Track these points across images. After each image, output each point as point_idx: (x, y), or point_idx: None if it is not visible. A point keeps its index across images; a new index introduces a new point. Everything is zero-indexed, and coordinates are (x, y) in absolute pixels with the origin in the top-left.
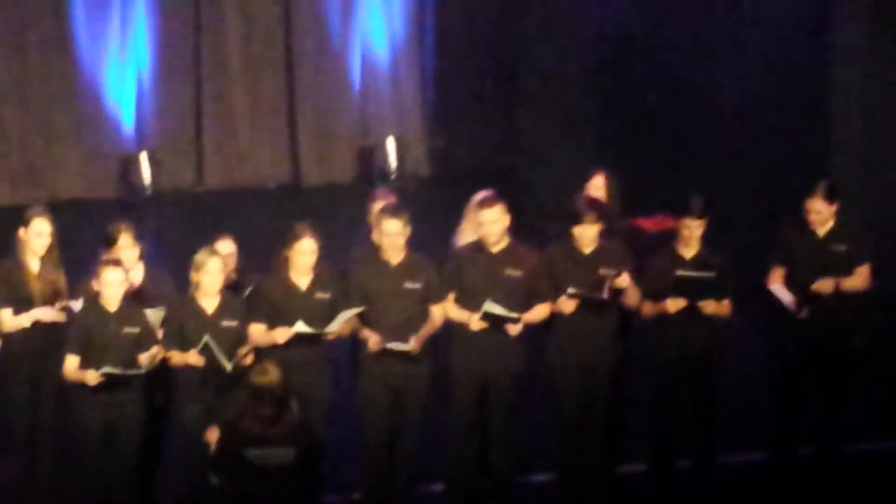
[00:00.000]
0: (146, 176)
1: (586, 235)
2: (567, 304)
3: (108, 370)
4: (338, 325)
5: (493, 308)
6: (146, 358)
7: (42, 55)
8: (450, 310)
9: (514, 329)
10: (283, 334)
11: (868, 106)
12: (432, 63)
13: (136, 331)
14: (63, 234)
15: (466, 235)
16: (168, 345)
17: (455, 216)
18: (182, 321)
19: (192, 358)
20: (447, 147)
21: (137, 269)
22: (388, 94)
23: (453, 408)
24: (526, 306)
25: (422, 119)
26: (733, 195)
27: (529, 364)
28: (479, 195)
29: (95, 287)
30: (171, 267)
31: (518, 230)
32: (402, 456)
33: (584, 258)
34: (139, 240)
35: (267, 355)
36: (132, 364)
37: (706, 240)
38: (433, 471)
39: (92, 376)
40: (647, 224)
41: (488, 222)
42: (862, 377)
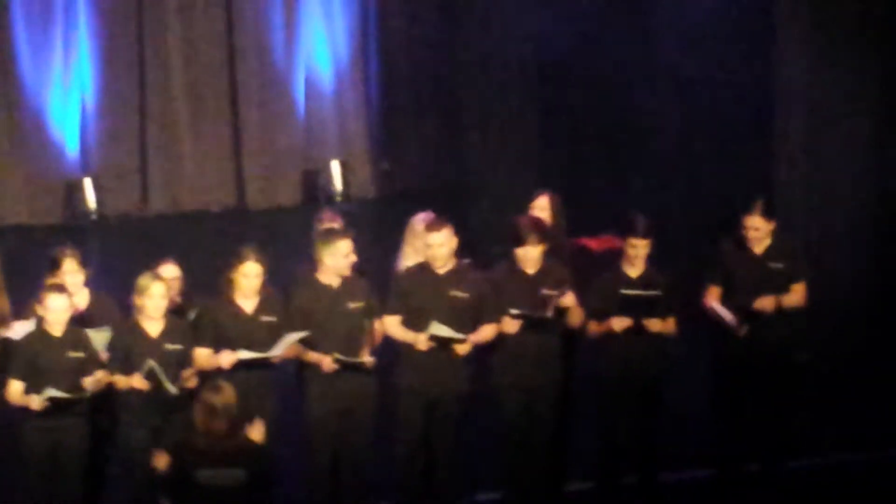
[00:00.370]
0: (91, 201)
1: (529, 256)
2: (511, 324)
3: (53, 394)
4: (282, 348)
5: (440, 330)
6: (90, 382)
7: None
8: (396, 331)
9: (461, 349)
10: (227, 359)
11: (811, 124)
12: (376, 86)
13: (80, 355)
14: (7, 259)
15: (409, 258)
16: (112, 368)
17: (401, 237)
18: (126, 345)
19: (136, 382)
20: (392, 169)
21: (82, 294)
22: (332, 117)
23: (400, 428)
24: (472, 327)
25: (366, 141)
26: (676, 214)
27: (475, 384)
28: (420, 217)
29: (39, 312)
30: (117, 291)
31: (463, 251)
32: (348, 476)
33: (527, 278)
34: (84, 265)
35: (210, 377)
36: (77, 388)
37: (651, 259)
38: (380, 491)
39: (36, 401)
40: (592, 244)
41: (436, 245)
42: (805, 393)
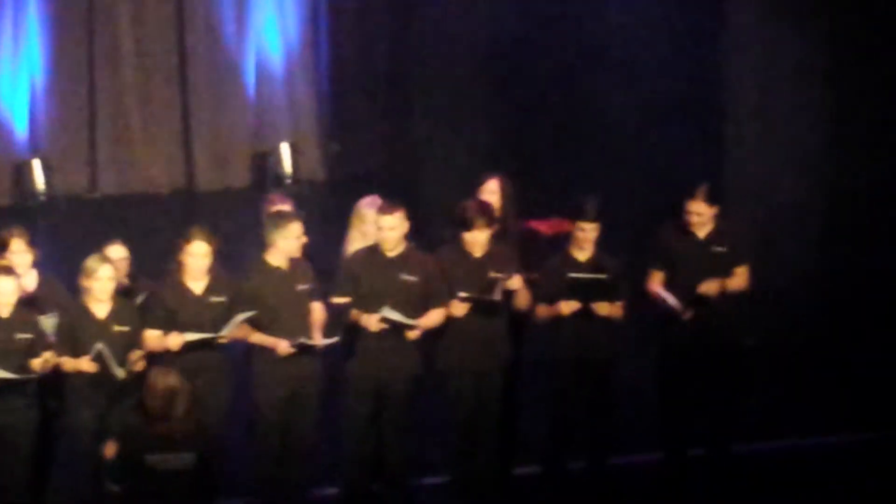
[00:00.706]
0: (39, 182)
1: (477, 240)
2: (458, 307)
3: (1, 374)
4: (230, 328)
5: (391, 314)
6: (38, 363)
7: None
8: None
9: (411, 334)
10: (175, 341)
11: (761, 110)
12: (326, 68)
13: (28, 336)
14: None
15: (355, 242)
16: (60, 350)
17: (349, 219)
18: (74, 327)
19: (84, 364)
20: (342, 152)
21: (31, 275)
22: (282, 100)
23: (348, 410)
24: (421, 311)
25: (316, 124)
26: (627, 198)
27: (423, 367)
28: (365, 201)
29: None
30: (66, 273)
31: (412, 234)
32: (296, 459)
33: (474, 261)
34: (32, 246)
35: (161, 361)
36: (24, 370)
37: (600, 243)
38: (328, 474)
39: None
40: (542, 227)
41: (387, 228)
42: (752, 377)
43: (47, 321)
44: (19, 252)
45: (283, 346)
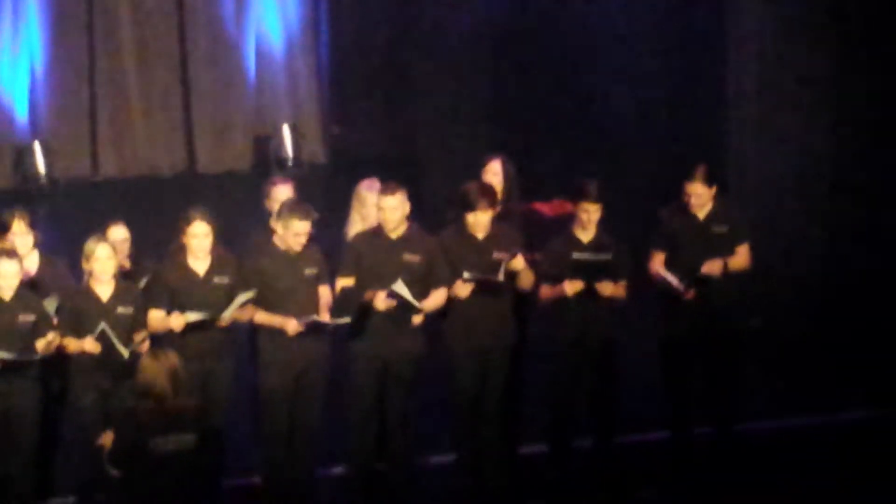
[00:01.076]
0: (40, 165)
1: (480, 221)
2: (463, 288)
3: (4, 356)
4: (232, 309)
5: (401, 289)
6: (42, 344)
7: None
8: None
9: (416, 319)
10: (177, 321)
11: (764, 93)
12: (327, 50)
13: (31, 318)
14: None
15: (356, 225)
16: (64, 332)
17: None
18: (77, 308)
19: (88, 345)
20: (343, 134)
21: (32, 258)
22: (283, 82)
23: (354, 390)
24: (424, 292)
25: (317, 107)
26: (628, 179)
27: (428, 348)
28: (365, 184)
29: None
30: (67, 256)
31: (415, 216)
32: (302, 440)
33: (478, 243)
34: (34, 229)
35: (165, 342)
36: (28, 351)
37: (603, 223)
38: (334, 454)
39: None
40: (544, 208)
41: (389, 209)
42: (755, 357)
43: (50, 304)
44: (21, 234)
45: (293, 324)
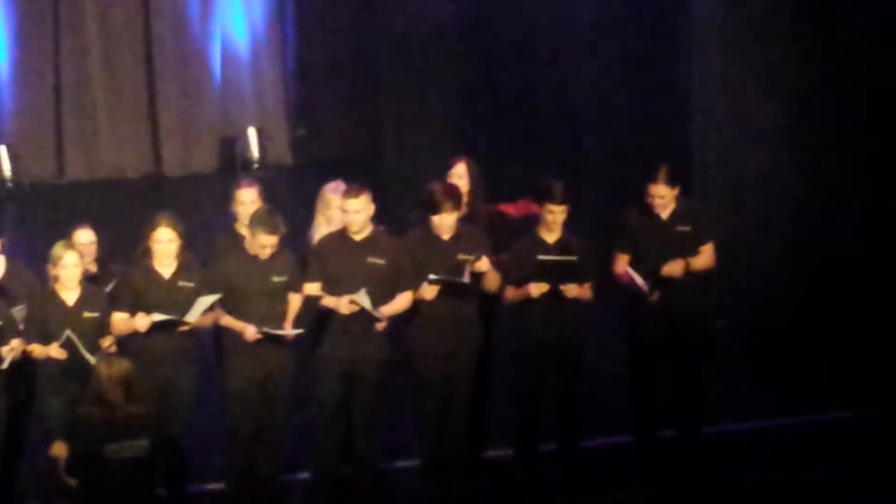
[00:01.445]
0: (6, 169)
1: (445, 223)
2: (428, 290)
3: None
4: (197, 311)
5: (363, 299)
6: (7, 351)
7: None
8: (317, 296)
9: (379, 326)
10: (142, 322)
11: (728, 91)
12: (293, 53)
13: None
14: None
15: (321, 228)
16: (29, 338)
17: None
18: (43, 314)
19: (53, 351)
20: (309, 136)
21: None
22: (249, 84)
23: (318, 395)
24: (389, 295)
25: (283, 108)
26: (593, 181)
27: (393, 351)
28: (330, 186)
29: None
30: (33, 259)
31: (380, 218)
32: (267, 445)
33: (443, 244)
34: (0, 234)
35: (129, 346)
36: None
37: (568, 225)
38: (298, 459)
39: None
40: (510, 209)
41: (353, 211)
42: (721, 359)
43: (19, 312)
44: None
45: (251, 331)
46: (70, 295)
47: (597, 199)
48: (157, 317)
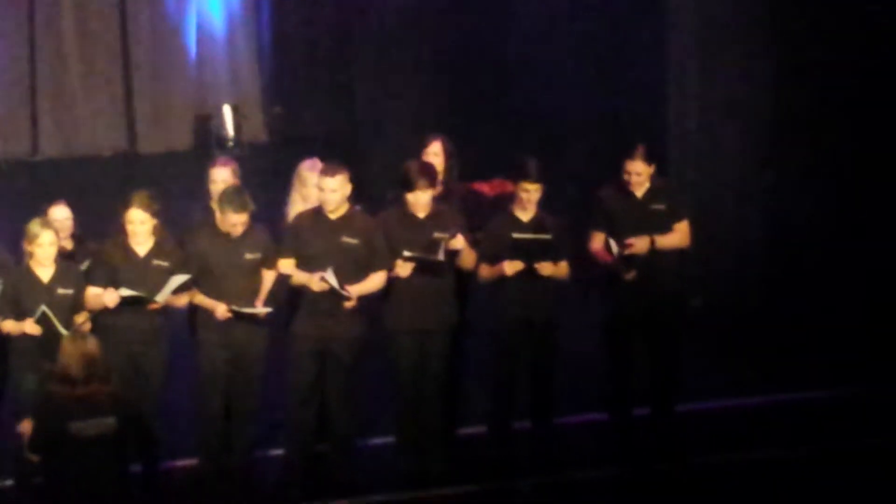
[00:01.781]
0: None
1: (420, 201)
2: (403, 267)
3: None
4: (167, 290)
5: (330, 278)
6: None
7: None
8: (291, 272)
9: (347, 304)
10: (111, 297)
11: (705, 70)
12: (269, 31)
13: None
14: None
15: (296, 205)
16: (4, 314)
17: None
18: (18, 291)
19: (28, 327)
20: (284, 114)
21: None
22: (224, 62)
23: (292, 372)
24: (363, 273)
25: (258, 86)
26: (571, 159)
27: (368, 328)
28: (306, 164)
29: None
30: (8, 236)
31: (356, 196)
32: (240, 422)
33: (418, 222)
34: None
35: (101, 323)
36: None
37: (544, 203)
38: (273, 436)
39: None
40: (485, 188)
41: (329, 190)
42: (697, 338)
43: None
44: None
45: (221, 309)
46: (45, 272)
47: (572, 178)
48: (125, 292)
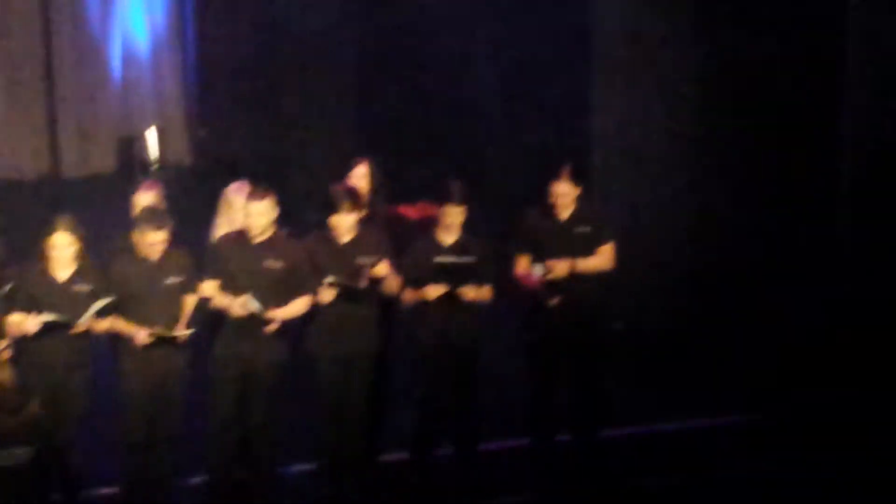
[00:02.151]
0: None
1: (343, 224)
2: (326, 293)
3: None
4: (88, 315)
5: (252, 303)
6: None
7: None
8: (213, 294)
9: (269, 328)
10: (32, 323)
11: (629, 92)
12: (194, 53)
13: None
14: None
15: (222, 229)
16: None
17: (217, 206)
18: None
19: None
20: (209, 137)
21: None
22: (148, 84)
23: (213, 397)
24: (286, 298)
25: (183, 109)
26: (496, 182)
27: (291, 353)
28: (233, 188)
29: None
30: None
31: (281, 219)
32: (161, 448)
33: (341, 247)
34: None
35: (24, 348)
36: None
37: (467, 226)
38: (193, 463)
39: None
40: (409, 212)
41: (255, 214)
42: (619, 362)
43: None
44: None
45: (142, 335)
46: None
47: (497, 201)
48: (47, 317)
